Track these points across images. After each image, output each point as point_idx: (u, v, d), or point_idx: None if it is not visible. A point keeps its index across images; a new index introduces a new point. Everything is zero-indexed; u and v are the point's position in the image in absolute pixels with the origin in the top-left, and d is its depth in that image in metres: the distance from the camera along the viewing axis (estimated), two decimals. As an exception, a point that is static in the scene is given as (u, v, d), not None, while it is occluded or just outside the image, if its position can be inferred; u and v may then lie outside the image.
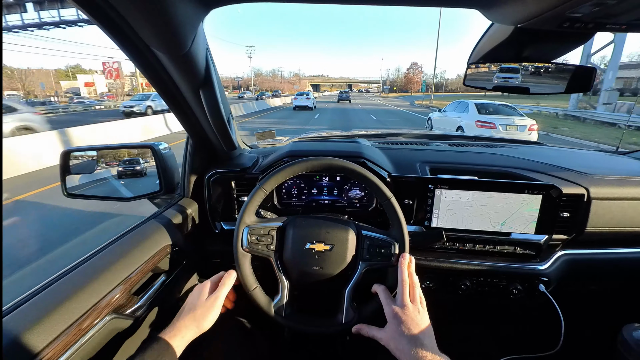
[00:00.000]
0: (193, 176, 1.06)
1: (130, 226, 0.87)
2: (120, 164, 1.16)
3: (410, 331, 0.62)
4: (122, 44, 0.60)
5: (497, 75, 0.75)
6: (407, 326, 0.62)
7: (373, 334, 0.68)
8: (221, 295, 0.71)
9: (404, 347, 0.60)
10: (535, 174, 1.05)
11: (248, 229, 0.78)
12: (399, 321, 0.64)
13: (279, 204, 1.11)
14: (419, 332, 0.62)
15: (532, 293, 0.98)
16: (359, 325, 0.72)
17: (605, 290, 1.21)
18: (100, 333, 0.63)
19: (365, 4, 0.63)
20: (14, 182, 5.47)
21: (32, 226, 3.72)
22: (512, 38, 0.65)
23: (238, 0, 0.61)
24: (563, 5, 0.48)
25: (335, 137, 1.67)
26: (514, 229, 0.95)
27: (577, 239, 1.01)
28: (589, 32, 0.61)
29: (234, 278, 0.75)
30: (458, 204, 0.96)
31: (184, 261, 0.95)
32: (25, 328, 0.52)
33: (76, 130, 7.99)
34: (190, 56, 0.64)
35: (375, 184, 0.77)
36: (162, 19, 0.52)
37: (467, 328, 1.36)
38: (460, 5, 0.59)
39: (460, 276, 0.99)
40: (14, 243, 3.16)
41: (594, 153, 1.45)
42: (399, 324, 0.63)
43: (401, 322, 0.63)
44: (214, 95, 0.78)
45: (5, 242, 3.05)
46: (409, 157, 1.16)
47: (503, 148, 1.37)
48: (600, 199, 0.98)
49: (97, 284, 0.65)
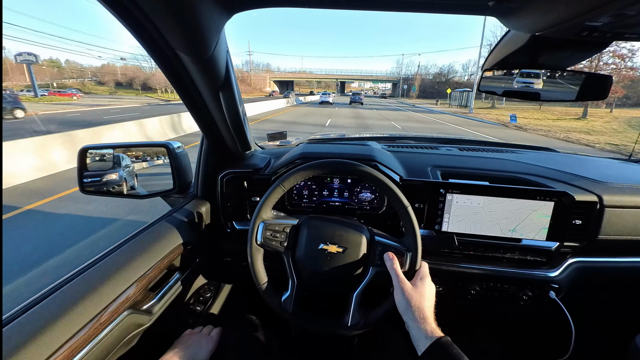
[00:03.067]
0: (206, 176, 1.08)
1: (146, 224, 0.89)
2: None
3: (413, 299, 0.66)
4: (148, 47, 0.62)
5: (517, 80, 0.76)
6: (411, 295, 0.66)
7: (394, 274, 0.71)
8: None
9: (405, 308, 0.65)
10: (547, 181, 1.04)
11: (264, 224, 0.79)
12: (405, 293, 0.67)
13: (289, 204, 1.12)
14: (420, 299, 0.66)
15: (542, 300, 0.98)
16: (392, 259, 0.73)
17: (617, 298, 1.19)
18: (119, 328, 0.65)
19: (380, 9, 0.64)
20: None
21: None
22: (529, 45, 0.66)
23: (259, 5, 0.63)
24: (583, 15, 0.49)
25: (346, 139, 1.68)
26: (525, 235, 0.95)
27: (589, 247, 1.00)
28: (606, 41, 0.62)
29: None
30: (469, 209, 0.96)
31: (197, 259, 0.97)
32: (48, 323, 0.53)
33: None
34: (212, 59, 0.66)
35: (393, 191, 0.77)
36: (188, 23, 0.54)
37: (475, 333, 1.35)
38: (479, 12, 0.59)
39: (470, 281, 1.00)
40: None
41: (607, 160, 1.44)
42: (404, 294, 0.67)
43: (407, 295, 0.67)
44: (233, 97, 0.80)
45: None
46: (420, 160, 1.17)
47: (514, 153, 1.36)
48: (614, 207, 0.97)
49: (115, 281, 0.67)
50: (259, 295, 0.78)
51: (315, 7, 0.61)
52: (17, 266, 2.60)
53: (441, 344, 0.56)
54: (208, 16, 0.55)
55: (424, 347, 0.58)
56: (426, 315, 0.62)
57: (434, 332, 0.59)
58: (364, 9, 0.63)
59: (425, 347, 0.57)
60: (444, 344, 0.56)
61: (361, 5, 0.62)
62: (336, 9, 0.64)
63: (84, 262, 0.69)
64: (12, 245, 3.01)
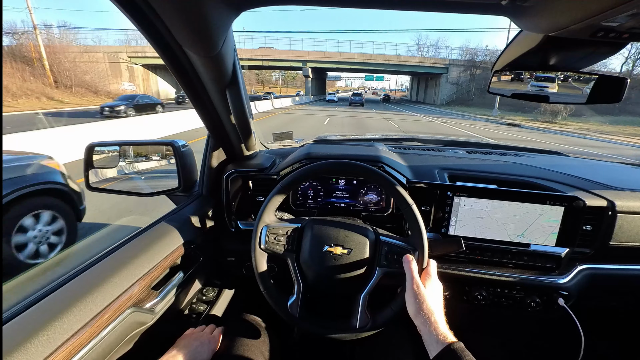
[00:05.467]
0: (212, 175, 1.08)
1: (150, 222, 0.89)
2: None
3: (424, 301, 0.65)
4: (156, 44, 0.62)
5: (532, 84, 0.74)
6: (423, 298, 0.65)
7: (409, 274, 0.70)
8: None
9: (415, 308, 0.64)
10: (556, 185, 1.02)
11: (267, 228, 0.78)
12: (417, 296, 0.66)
13: (293, 205, 1.12)
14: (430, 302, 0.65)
15: (550, 307, 0.96)
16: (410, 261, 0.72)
17: (628, 306, 1.17)
18: (121, 326, 0.65)
19: (392, 8, 0.63)
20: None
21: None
22: (541, 46, 0.64)
23: (267, 3, 0.62)
24: (599, 15, 0.47)
25: (351, 140, 1.67)
26: (534, 240, 0.93)
27: (600, 253, 0.98)
28: (622, 42, 0.60)
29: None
30: (476, 213, 0.94)
31: (201, 258, 0.96)
32: (50, 320, 0.53)
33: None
34: (220, 57, 0.66)
35: (397, 190, 0.77)
36: (196, 21, 0.54)
37: (482, 339, 1.33)
38: (492, 12, 0.58)
39: (477, 285, 0.98)
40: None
41: (619, 165, 1.41)
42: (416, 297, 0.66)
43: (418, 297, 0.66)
44: (240, 95, 0.80)
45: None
46: (427, 162, 1.15)
47: (522, 157, 1.34)
48: (626, 212, 0.94)
49: (119, 279, 0.67)
50: (261, 295, 0.78)
51: (324, 6, 0.61)
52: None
53: (454, 349, 0.55)
54: (216, 14, 0.54)
55: (435, 351, 0.57)
56: (437, 319, 0.61)
57: (446, 337, 0.58)
58: (374, 7, 0.62)
59: (436, 352, 0.57)
60: (456, 349, 0.55)
61: (372, 4, 0.61)
62: (347, 7, 0.63)
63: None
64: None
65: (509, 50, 0.73)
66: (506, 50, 0.74)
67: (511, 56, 0.73)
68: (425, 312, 0.62)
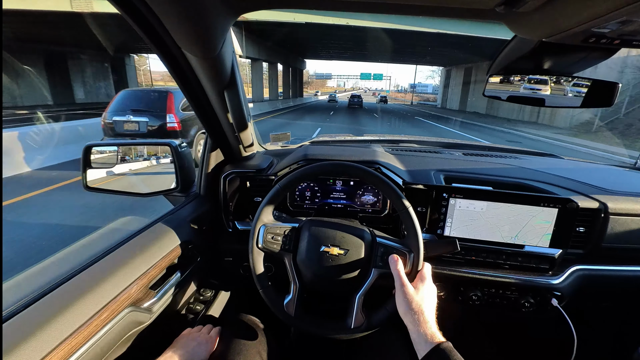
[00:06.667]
0: (209, 175, 1.08)
1: (148, 222, 0.89)
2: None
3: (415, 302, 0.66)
4: (155, 46, 0.63)
5: (524, 86, 0.75)
6: (412, 298, 0.66)
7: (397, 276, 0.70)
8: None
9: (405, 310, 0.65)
10: (551, 187, 1.04)
11: (265, 227, 0.79)
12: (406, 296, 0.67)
13: (291, 206, 1.12)
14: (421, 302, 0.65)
15: (544, 307, 0.97)
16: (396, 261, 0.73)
17: (621, 307, 1.18)
18: (119, 325, 0.65)
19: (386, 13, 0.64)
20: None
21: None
22: (535, 51, 0.65)
23: (265, 7, 0.63)
24: (590, 22, 0.48)
25: (348, 141, 1.68)
26: (528, 241, 0.94)
27: (593, 255, 0.99)
28: (614, 48, 0.61)
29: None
30: (472, 214, 0.95)
31: (198, 258, 0.97)
32: (49, 319, 0.54)
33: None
34: (219, 59, 0.66)
35: (394, 191, 0.77)
36: (195, 23, 0.54)
37: (477, 339, 1.34)
38: (486, 18, 0.59)
39: (472, 286, 0.99)
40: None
41: (612, 168, 1.43)
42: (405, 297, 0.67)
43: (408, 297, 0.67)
44: (238, 96, 0.80)
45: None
46: (423, 164, 1.16)
47: (517, 159, 1.36)
48: (618, 214, 0.96)
49: (116, 278, 0.67)
50: (258, 296, 0.78)
51: (321, 9, 0.62)
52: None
53: (442, 349, 0.55)
54: (215, 16, 0.55)
55: (423, 351, 0.57)
56: (426, 319, 0.62)
57: (434, 337, 0.58)
58: (370, 12, 0.63)
59: (425, 352, 0.57)
60: (444, 349, 0.55)
61: (368, 9, 0.62)
62: (343, 11, 0.64)
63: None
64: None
65: (504, 55, 0.74)
66: (501, 54, 0.75)
67: (506, 61, 0.74)
68: (415, 311, 0.63)
